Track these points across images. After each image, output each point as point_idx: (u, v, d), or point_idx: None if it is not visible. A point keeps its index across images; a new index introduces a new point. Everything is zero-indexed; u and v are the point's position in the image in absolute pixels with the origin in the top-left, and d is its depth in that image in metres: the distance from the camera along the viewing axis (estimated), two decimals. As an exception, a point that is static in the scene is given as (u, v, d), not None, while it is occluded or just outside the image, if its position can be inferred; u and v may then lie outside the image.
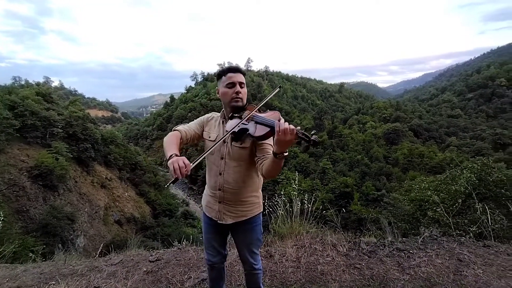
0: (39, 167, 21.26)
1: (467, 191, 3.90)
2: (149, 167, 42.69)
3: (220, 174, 1.48)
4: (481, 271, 2.12)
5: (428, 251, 2.46)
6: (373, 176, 39.09)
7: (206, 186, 1.63)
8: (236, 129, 1.35)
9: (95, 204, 27.17)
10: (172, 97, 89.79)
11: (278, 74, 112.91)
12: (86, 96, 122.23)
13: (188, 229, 28.44)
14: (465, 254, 2.37)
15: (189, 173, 1.19)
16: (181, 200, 42.10)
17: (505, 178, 3.95)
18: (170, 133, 1.48)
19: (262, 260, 2.48)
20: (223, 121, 1.54)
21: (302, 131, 1.12)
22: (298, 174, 3.73)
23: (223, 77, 1.48)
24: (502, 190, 3.77)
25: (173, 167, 1.15)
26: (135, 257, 2.72)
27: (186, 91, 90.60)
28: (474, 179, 4.11)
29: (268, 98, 1.57)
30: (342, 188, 33.87)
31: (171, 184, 1.28)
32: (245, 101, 1.49)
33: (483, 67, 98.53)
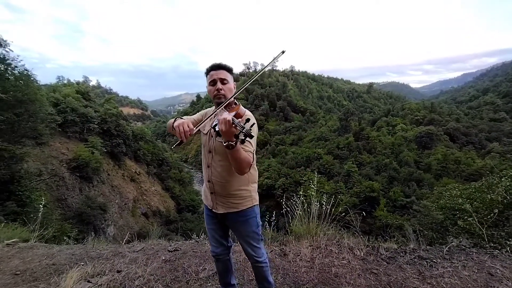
0: (76, 160, 23.10)
1: (505, 201, 3.57)
2: (174, 163, 44.40)
3: (209, 166, 1.56)
4: (515, 288, 1.94)
5: (454, 262, 2.30)
6: (402, 182, 37.09)
7: None
8: (212, 125, 1.41)
9: (125, 196, 28.87)
10: (198, 96, 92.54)
11: (304, 74, 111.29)
12: (120, 95, 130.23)
13: (210, 225, 29.04)
14: (498, 268, 2.18)
15: (193, 136, 1.33)
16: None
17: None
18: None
19: (276, 257, 2.49)
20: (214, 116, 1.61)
21: (241, 124, 1.15)
22: (317, 175, 3.67)
23: (207, 75, 1.55)
24: (547, 202, 3.40)
25: (179, 129, 1.28)
26: (155, 246, 2.86)
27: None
28: (515, 188, 3.75)
29: (267, 65, 1.60)
30: (367, 192, 32.59)
31: (177, 147, 1.39)
32: (229, 96, 1.51)
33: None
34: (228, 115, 1.19)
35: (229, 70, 1.55)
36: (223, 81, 1.51)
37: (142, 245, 2.93)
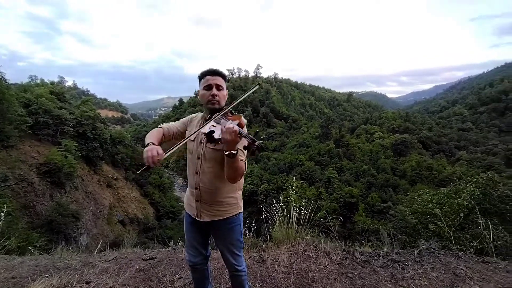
0: (48, 164, 21.73)
1: (470, 205, 3.80)
2: (155, 169, 43.05)
3: (197, 173, 1.53)
4: (477, 287, 2.06)
5: (423, 264, 2.40)
6: (379, 188, 38.41)
7: (188, 184, 1.68)
8: (205, 131, 1.39)
9: (100, 203, 27.50)
10: (181, 101, 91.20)
11: (287, 82, 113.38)
12: (98, 97, 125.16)
13: (190, 232, 28.40)
14: (462, 269, 2.31)
15: (160, 162, 1.29)
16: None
17: (511, 194, 3.85)
18: (153, 129, 1.57)
19: (254, 264, 2.48)
20: (202, 122, 1.59)
21: (250, 136, 1.16)
22: (296, 181, 3.72)
23: (202, 79, 1.53)
24: (507, 206, 3.67)
25: (147, 155, 1.25)
26: (129, 255, 2.74)
27: (195, 95, 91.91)
28: (478, 193, 4.02)
29: (244, 96, 1.61)
30: (347, 198, 33.37)
31: (143, 172, 1.36)
32: (222, 104, 1.53)
33: (496, 81, 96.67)
34: (233, 125, 1.19)
35: (224, 77, 1.54)
36: (218, 87, 1.51)
37: (115, 254, 2.79)
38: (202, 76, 1.53)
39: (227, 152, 1.22)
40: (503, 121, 72.25)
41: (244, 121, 1.40)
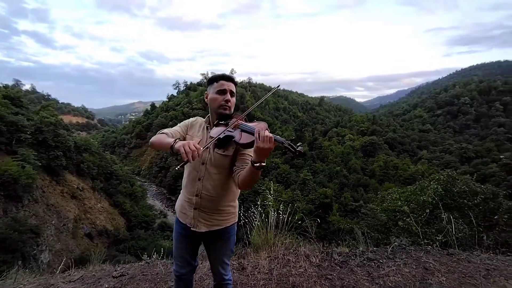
0: (1, 176, 19.64)
1: (434, 202, 4.09)
2: (125, 176, 40.98)
3: (200, 179, 1.45)
4: (444, 279, 2.19)
5: (396, 260, 2.51)
6: (351, 187, 40.10)
7: (182, 191, 1.58)
8: (221, 136, 1.34)
9: (63, 216, 25.42)
10: (153, 105, 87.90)
11: (261, 86, 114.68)
12: (61, 102, 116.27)
13: (165, 242, 27.32)
14: (431, 263, 2.45)
15: (201, 157, 1.23)
16: (159, 212, 40.53)
17: (467, 189, 4.20)
18: (156, 135, 1.47)
19: (234, 272, 2.42)
20: (207, 127, 1.54)
21: (289, 142, 1.13)
22: (273, 184, 3.73)
23: (215, 83, 1.49)
24: (465, 201, 4.00)
25: (184, 149, 1.13)
26: (97, 273, 2.53)
27: (167, 100, 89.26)
28: (441, 190, 4.34)
29: (267, 97, 1.61)
30: (322, 199, 34.36)
31: (180, 167, 1.28)
32: (232, 110, 1.50)
33: (450, 86, 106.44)
34: (267, 132, 1.13)
35: (236, 85, 1.52)
36: (231, 93, 1.48)
37: (81, 272, 2.56)
38: (215, 79, 1.49)
39: (257, 164, 1.15)
40: (456, 122, 79.66)
41: None
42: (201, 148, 1.18)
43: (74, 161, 31.21)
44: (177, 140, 1.27)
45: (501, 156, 42.90)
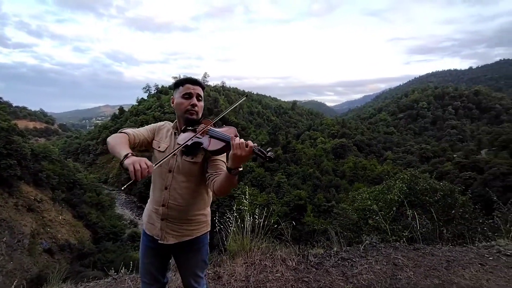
0: None
1: (399, 199, 4.34)
2: (90, 185, 38.22)
3: (166, 188, 1.36)
4: (412, 273, 2.32)
5: (368, 258, 2.61)
6: (324, 188, 41.43)
7: (149, 201, 1.48)
8: (189, 143, 1.28)
9: (17, 231, 22.99)
10: (121, 109, 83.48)
11: (235, 90, 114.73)
12: (14, 105, 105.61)
13: (136, 253, 25.85)
14: (399, 259, 2.58)
15: (150, 175, 1.11)
16: (129, 221, 38.31)
17: (428, 187, 4.52)
18: (115, 134, 1.32)
19: (209, 282, 2.33)
20: (175, 133, 1.45)
21: (259, 147, 1.11)
22: (249, 188, 3.70)
23: (181, 87, 1.41)
24: (427, 197, 4.30)
25: (133, 167, 1.02)
26: (56, 294, 2.29)
27: (137, 103, 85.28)
28: (405, 188, 4.63)
29: (232, 108, 1.55)
30: (296, 201, 34.99)
31: (129, 187, 1.16)
32: (200, 115, 1.44)
33: (409, 92, 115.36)
34: (242, 139, 1.10)
35: (204, 88, 1.44)
36: (198, 97, 1.40)
37: (37, 295, 2.30)
38: (181, 83, 1.41)
39: (233, 170, 1.11)
40: (416, 125, 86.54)
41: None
42: (153, 166, 1.10)
43: (31, 170, 28.53)
44: (129, 154, 1.12)
45: (454, 155, 47.46)
